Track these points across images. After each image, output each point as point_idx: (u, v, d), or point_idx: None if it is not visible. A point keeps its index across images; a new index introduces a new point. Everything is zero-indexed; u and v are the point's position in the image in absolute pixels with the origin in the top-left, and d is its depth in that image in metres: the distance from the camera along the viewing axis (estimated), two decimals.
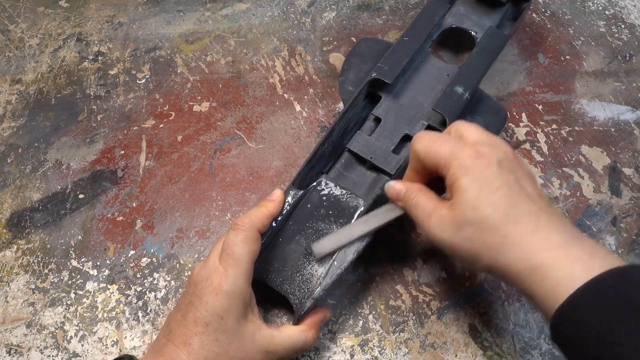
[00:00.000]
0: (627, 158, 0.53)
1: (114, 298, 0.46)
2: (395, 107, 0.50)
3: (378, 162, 0.47)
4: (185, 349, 0.35)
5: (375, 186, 0.47)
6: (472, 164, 0.33)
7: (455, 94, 0.47)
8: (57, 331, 0.45)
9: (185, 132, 0.55)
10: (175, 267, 0.48)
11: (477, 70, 0.49)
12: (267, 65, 0.60)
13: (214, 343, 0.35)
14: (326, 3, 0.65)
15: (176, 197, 0.51)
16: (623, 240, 0.48)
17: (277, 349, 0.37)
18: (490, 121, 0.50)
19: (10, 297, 0.46)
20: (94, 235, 0.49)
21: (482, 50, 0.51)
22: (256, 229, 0.38)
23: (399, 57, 0.50)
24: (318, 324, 0.41)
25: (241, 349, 0.35)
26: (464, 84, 0.48)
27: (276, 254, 0.43)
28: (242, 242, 0.37)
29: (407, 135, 0.48)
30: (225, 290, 0.35)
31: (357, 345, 0.44)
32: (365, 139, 0.48)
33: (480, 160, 0.33)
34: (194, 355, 0.35)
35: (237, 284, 0.36)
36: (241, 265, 0.36)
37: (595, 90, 0.57)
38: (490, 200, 0.32)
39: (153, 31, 0.63)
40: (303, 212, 0.45)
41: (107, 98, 0.57)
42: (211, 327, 0.35)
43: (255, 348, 0.36)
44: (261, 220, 0.39)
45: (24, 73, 0.59)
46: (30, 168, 0.53)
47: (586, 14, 0.63)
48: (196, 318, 0.35)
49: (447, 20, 0.55)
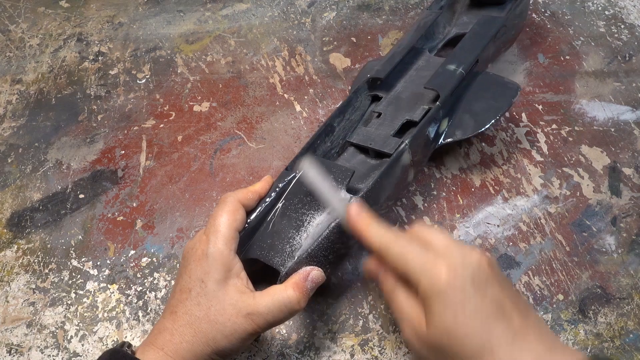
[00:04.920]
0: (627, 158, 0.53)
1: (114, 298, 0.46)
2: (396, 102, 0.51)
3: (377, 146, 0.47)
4: (171, 317, 0.36)
5: (375, 169, 0.47)
6: (445, 286, 0.32)
7: (447, 70, 0.49)
8: (58, 331, 0.45)
9: (185, 132, 0.55)
10: (176, 267, 0.48)
11: (469, 48, 0.50)
12: (267, 65, 0.60)
13: (195, 307, 0.36)
14: (326, 3, 0.65)
15: (176, 197, 0.51)
16: (623, 240, 0.48)
17: (260, 309, 0.36)
18: (498, 94, 0.50)
19: (10, 297, 0.46)
20: (95, 235, 0.49)
21: (475, 33, 0.52)
22: (238, 201, 0.40)
23: (391, 56, 0.52)
24: (302, 283, 0.39)
25: (221, 312, 0.36)
26: (456, 61, 0.49)
27: (269, 232, 0.43)
28: (223, 211, 0.39)
29: (409, 120, 0.49)
30: (205, 253, 0.37)
31: (357, 345, 0.44)
32: (365, 130, 0.49)
33: (453, 281, 0.32)
34: (177, 322, 0.36)
35: (216, 247, 0.37)
36: (221, 231, 0.38)
37: (595, 90, 0.57)
38: (465, 330, 0.31)
39: (153, 31, 0.63)
40: (294, 190, 0.45)
41: (108, 98, 0.57)
42: (193, 292, 0.36)
43: (235, 311, 0.36)
44: (244, 195, 0.41)
45: (24, 73, 0.59)
46: (31, 168, 0.53)
47: (586, 14, 0.64)
48: (182, 286, 0.37)
49: (452, 31, 0.57)
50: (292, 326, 0.44)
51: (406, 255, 0.34)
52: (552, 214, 0.49)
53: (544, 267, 0.47)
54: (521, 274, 0.47)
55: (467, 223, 0.49)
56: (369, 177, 0.46)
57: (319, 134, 0.48)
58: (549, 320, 0.44)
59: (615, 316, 0.44)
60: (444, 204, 0.50)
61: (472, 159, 0.53)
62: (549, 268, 0.47)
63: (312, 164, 0.41)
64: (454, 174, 0.52)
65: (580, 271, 0.46)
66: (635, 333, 0.43)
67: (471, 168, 0.52)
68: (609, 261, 0.47)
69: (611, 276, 0.46)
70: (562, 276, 0.46)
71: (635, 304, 0.45)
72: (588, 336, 0.43)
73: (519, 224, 0.49)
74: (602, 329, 0.44)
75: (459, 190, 0.51)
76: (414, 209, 0.50)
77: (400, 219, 0.50)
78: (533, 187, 0.51)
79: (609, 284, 0.46)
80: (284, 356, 0.43)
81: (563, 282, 0.46)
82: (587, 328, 0.44)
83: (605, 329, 0.44)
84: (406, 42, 0.54)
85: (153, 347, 0.36)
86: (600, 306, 0.45)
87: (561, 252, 0.47)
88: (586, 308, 0.45)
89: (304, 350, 0.43)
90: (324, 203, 0.40)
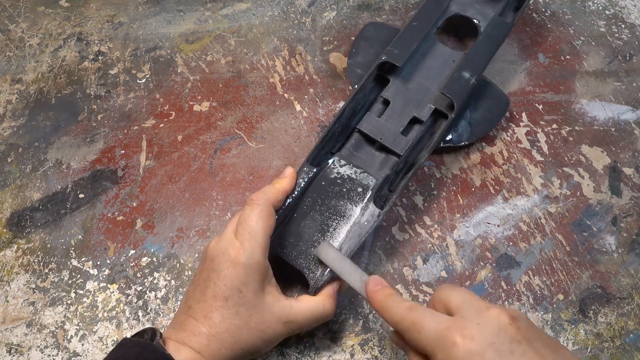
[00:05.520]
0: (628, 158, 0.53)
1: (114, 297, 0.46)
2: (404, 90, 0.51)
3: (388, 143, 0.48)
4: (207, 322, 0.36)
5: (384, 166, 0.48)
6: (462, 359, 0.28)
7: (462, 78, 0.49)
8: (58, 330, 0.45)
9: (185, 132, 0.55)
10: (176, 266, 0.48)
11: (482, 56, 0.51)
12: (268, 65, 0.60)
13: (234, 316, 0.36)
14: (326, 3, 0.65)
15: (176, 196, 0.51)
16: (623, 240, 0.48)
17: (297, 318, 0.37)
18: (492, 106, 0.52)
19: (10, 297, 0.46)
20: (94, 235, 0.49)
21: (487, 37, 0.52)
22: (270, 204, 0.39)
23: (408, 41, 0.51)
24: (334, 294, 0.41)
25: (261, 320, 0.36)
26: (470, 70, 0.49)
27: (292, 230, 0.44)
28: (258, 217, 0.37)
29: (415, 117, 0.49)
30: (242, 262, 0.36)
31: (358, 345, 0.44)
32: (374, 120, 0.49)
33: (469, 352, 0.28)
34: (215, 329, 0.35)
35: (254, 257, 0.36)
36: (257, 238, 0.37)
37: (596, 90, 0.57)
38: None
39: (153, 31, 0.63)
40: (317, 188, 0.46)
41: (108, 98, 0.57)
42: (231, 301, 0.36)
43: (275, 319, 0.37)
44: (275, 196, 0.40)
45: (24, 73, 0.59)
46: (31, 167, 0.53)
47: (586, 13, 0.63)
48: (215, 292, 0.36)
49: (452, 8, 0.57)
50: None
51: (420, 326, 0.31)
52: (553, 214, 0.49)
53: (544, 267, 0.47)
54: (521, 273, 0.46)
55: (467, 223, 0.49)
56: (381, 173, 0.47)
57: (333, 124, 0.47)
58: (549, 320, 0.44)
59: (615, 316, 0.44)
60: (444, 203, 0.50)
61: (472, 158, 0.53)
62: (549, 268, 0.47)
63: (328, 246, 0.41)
64: (454, 173, 0.52)
65: (581, 271, 0.46)
66: (636, 333, 0.43)
67: (471, 168, 0.52)
68: (609, 261, 0.47)
69: (611, 276, 0.46)
70: (563, 276, 0.46)
71: (635, 304, 0.45)
72: (588, 336, 0.43)
73: (519, 223, 0.49)
74: (602, 329, 0.44)
75: (459, 190, 0.51)
76: (414, 208, 0.50)
77: (400, 219, 0.50)
78: (533, 187, 0.51)
79: (609, 284, 0.46)
80: (284, 356, 0.43)
81: (563, 282, 0.46)
82: (587, 328, 0.44)
83: (606, 328, 0.44)
84: (422, 27, 0.52)
85: (187, 347, 0.35)
86: (600, 306, 0.45)
87: (561, 252, 0.47)
88: (586, 308, 0.45)
89: (304, 350, 0.43)
90: (343, 279, 0.40)
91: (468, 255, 0.48)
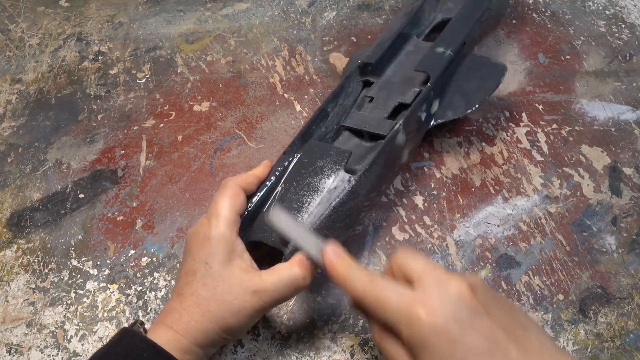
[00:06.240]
0: (628, 158, 0.53)
1: (114, 297, 0.46)
2: (388, 86, 0.52)
3: (372, 128, 0.48)
4: (178, 298, 0.37)
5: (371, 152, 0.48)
6: (427, 334, 0.29)
7: (437, 53, 0.50)
8: (58, 330, 0.45)
9: (185, 132, 0.55)
10: (176, 266, 0.48)
11: (457, 31, 0.52)
12: (268, 65, 0.60)
13: (202, 288, 0.37)
14: (326, 3, 0.65)
15: (176, 196, 0.51)
16: (623, 240, 0.48)
17: (267, 286, 0.37)
18: (487, 75, 0.51)
19: (10, 297, 0.46)
20: (94, 235, 0.49)
21: (462, 16, 0.53)
22: (238, 185, 0.41)
23: (380, 41, 0.54)
24: (305, 260, 0.38)
25: (227, 291, 0.37)
26: (445, 44, 0.50)
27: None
28: (224, 196, 0.39)
29: (401, 103, 0.49)
30: (208, 236, 0.38)
31: (357, 345, 0.44)
32: (359, 114, 0.50)
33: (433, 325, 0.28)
34: (185, 303, 0.37)
35: (218, 230, 0.38)
36: (222, 213, 0.38)
37: (596, 90, 0.57)
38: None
39: (153, 31, 0.63)
40: (293, 174, 0.45)
41: (108, 98, 0.57)
42: (199, 274, 0.37)
43: (242, 289, 0.37)
44: (244, 179, 0.42)
45: (24, 73, 0.59)
46: (31, 167, 0.53)
47: (586, 13, 0.64)
48: (187, 270, 0.38)
49: (438, 16, 0.58)
50: (292, 326, 0.44)
51: (383, 300, 0.31)
52: (553, 214, 0.49)
53: (544, 267, 0.47)
54: (521, 273, 0.46)
55: (467, 223, 0.49)
56: (365, 159, 0.47)
57: (313, 119, 0.49)
58: (549, 320, 0.44)
59: (615, 316, 0.44)
60: (444, 203, 0.50)
61: (472, 158, 0.53)
62: (549, 268, 0.47)
63: (281, 210, 0.40)
64: (454, 173, 0.52)
65: (581, 271, 0.46)
66: (636, 333, 0.43)
67: (471, 168, 0.52)
68: (609, 261, 0.47)
69: (611, 276, 0.46)
70: (563, 276, 0.46)
71: (635, 304, 0.45)
72: (588, 336, 0.43)
73: (519, 223, 0.49)
74: (602, 329, 0.44)
75: (459, 190, 0.51)
76: (414, 208, 0.50)
77: (400, 219, 0.50)
78: (533, 187, 0.51)
79: (609, 284, 0.46)
80: (284, 356, 0.43)
81: (563, 282, 0.46)
82: (587, 328, 0.44)
83: (606, 328, 0.44)
84: (395, 28, 0.55)
85: (162, 325, 0.37)
86: (600, 306, 0.45)
87: (561, 252, 0.47)
88: (586, 308, 0.45)
89: (304, 350, 0.43)
90: (298, 248, 0.39)
91: (468, 255, 0.48)
